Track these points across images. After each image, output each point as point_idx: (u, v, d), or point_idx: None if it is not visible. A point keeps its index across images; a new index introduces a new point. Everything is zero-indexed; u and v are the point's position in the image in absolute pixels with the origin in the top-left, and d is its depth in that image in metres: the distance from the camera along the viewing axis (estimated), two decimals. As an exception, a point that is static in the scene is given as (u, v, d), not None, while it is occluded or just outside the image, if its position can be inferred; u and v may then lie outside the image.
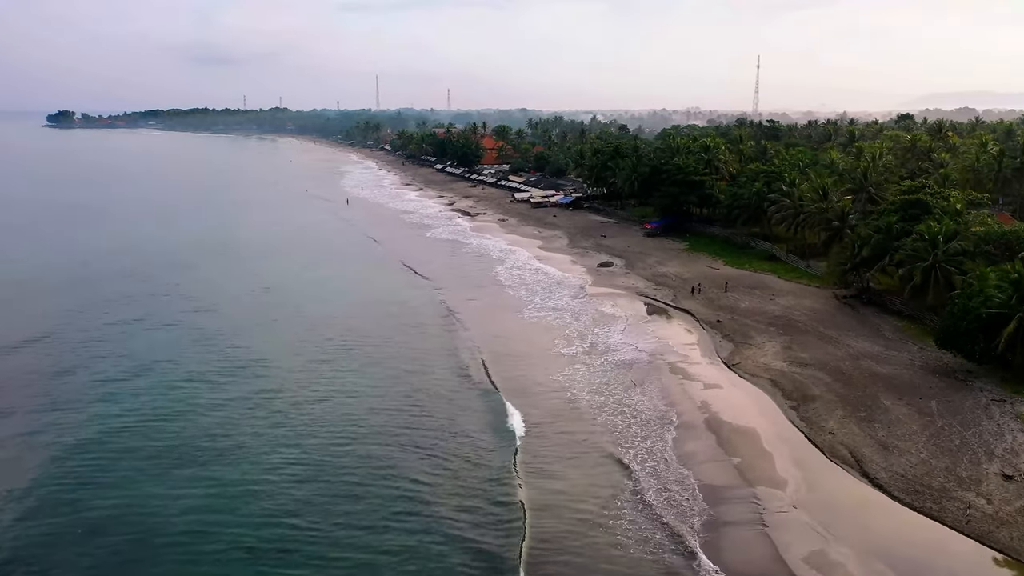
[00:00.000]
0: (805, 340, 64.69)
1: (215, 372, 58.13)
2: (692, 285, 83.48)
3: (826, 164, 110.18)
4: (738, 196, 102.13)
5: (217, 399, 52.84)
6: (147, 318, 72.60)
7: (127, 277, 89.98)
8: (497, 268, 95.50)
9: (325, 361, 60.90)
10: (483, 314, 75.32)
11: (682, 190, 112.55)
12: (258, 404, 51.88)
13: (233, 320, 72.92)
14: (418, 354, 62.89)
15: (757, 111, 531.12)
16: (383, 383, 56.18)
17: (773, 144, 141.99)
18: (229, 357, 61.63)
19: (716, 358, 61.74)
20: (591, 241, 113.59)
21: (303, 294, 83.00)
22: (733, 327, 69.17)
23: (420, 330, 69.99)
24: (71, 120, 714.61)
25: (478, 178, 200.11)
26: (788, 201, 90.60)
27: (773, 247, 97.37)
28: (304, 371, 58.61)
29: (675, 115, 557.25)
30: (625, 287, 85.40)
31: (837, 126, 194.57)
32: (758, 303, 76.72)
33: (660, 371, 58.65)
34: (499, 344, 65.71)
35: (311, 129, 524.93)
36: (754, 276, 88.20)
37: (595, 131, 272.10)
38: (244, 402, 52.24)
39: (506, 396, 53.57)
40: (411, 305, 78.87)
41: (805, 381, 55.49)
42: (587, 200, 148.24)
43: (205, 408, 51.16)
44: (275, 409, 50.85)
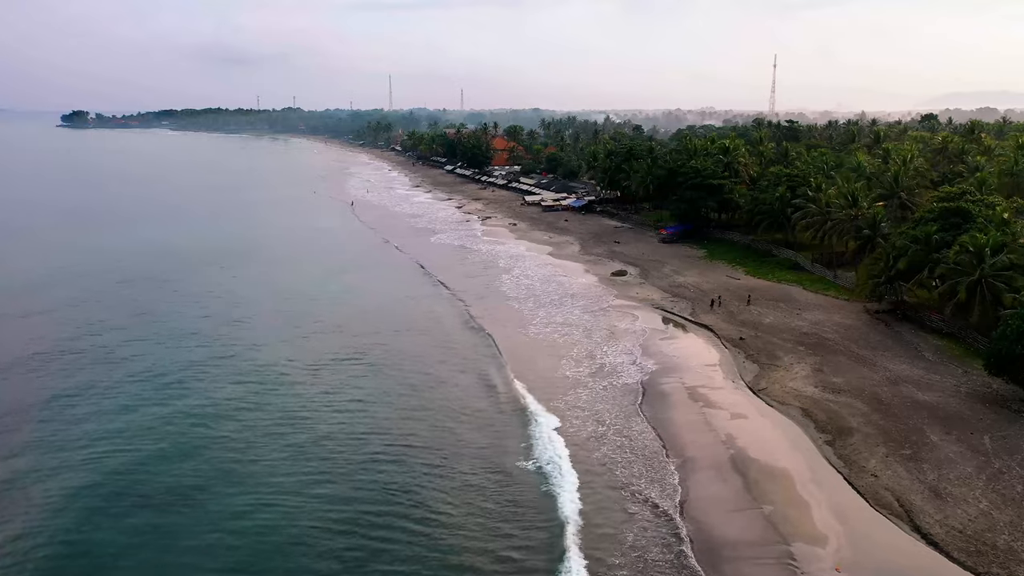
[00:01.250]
0: (837, 361, 59.33)
1: (245, 398, 52.89)
2: (711, 297, 78.23)
3: (853, 167, 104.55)
4: (760, 201, 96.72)
5: (242, 428, 48.02)
6: (169, 334, 67.85)
7: (144, 282, 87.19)
8: (503, 277, 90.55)
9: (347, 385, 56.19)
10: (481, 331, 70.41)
11: (700, 194, 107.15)
12: (289, 431, 47.59)
13: (259, 333, 68.17)
14: (413, 377, 58.08)
15: (774, 111, 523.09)
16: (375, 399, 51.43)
17: (794, 145, 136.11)
18: (260, 378, 56.64)
19: (740, 382, 56.51)
20: (604, 248, 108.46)
21: (320, 303, 78.68)
22: (758, 346, 63.90)
23: (417, 351, 65.14)
24: (85, 120, 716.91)
25: (488, 180, 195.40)
26: (814, 207, 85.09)
27: (797, 255, 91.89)
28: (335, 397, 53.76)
29: (689, 115, 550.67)
30: (640, 299, 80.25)
31: (859, 126, 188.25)
32: (783, 318, 71.37)
33: (679, 397, 53.54)
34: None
35: (322, 129, 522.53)
36: (778, 287, 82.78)
37: (608, 131, 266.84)
38: (274, 434, 47.36)
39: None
40: (403, 317, 74.06)
41: (840, 410, 50.18)
42: (600, 203, 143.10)
43: (227, 439, 46.47)
44: (309, 437, 46.59)
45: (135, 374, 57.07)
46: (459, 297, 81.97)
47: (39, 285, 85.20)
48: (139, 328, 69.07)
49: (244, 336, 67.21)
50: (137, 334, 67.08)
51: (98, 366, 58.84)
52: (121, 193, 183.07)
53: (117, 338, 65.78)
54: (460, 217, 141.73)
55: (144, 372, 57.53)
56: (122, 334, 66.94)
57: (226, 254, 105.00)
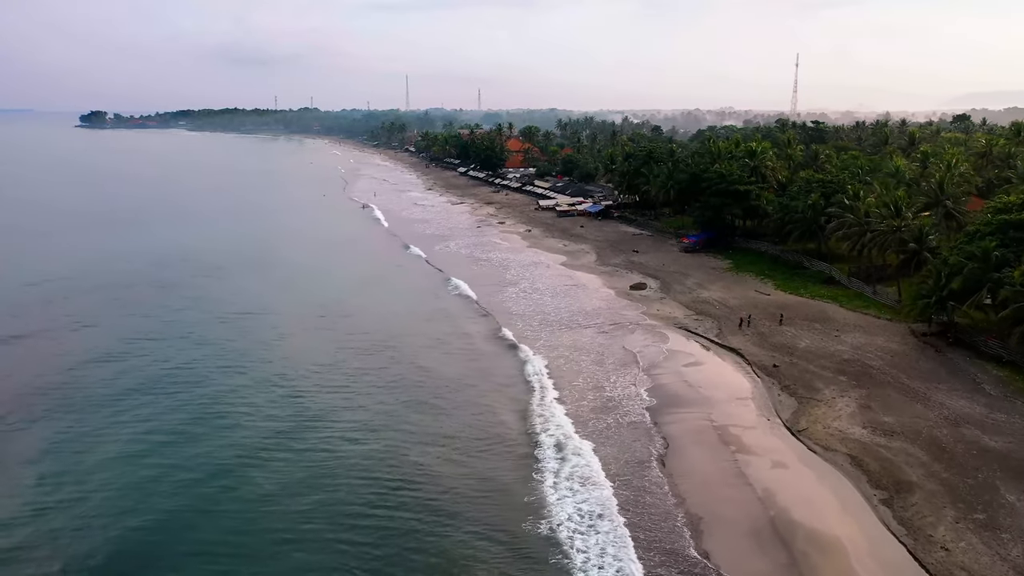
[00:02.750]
0: (885, 395, 52.44)
1: (286, 431, 48.38)
2: (740, 316, 71.40)
3: (890, 172, 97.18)
4: (790, 209, 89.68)
5: (280, 461, 44.26)
6: (201, 353, 63.18)
7: (166, 293, 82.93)
8: (508, 291, 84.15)
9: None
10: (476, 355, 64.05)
11: (725, 201, 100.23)
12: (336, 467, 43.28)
13: (295, 354, 62.81)
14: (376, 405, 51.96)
15: (796, 111, 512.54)
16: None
17: (822, 148, 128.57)
18: (306, 414, 51.19)
19: (776, 419, 49.80)
20: (622, 257, 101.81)
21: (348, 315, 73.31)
22: (794, 375, 57.11)
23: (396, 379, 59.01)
24: (103, 120, 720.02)
25: (502, 183, 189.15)
26: (852, 217, 77.97)
27: (831, 268, 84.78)
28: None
29: (708, 115, 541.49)
30: (660, 316, 73.57)
31: (890, 128, 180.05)
32: (821, 341, 64.45)
33: (708, 438, 46.95)
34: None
35: (337, 130, 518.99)
36: (812, 305, 75.77)
37: (627, 132, 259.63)
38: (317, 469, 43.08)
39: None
40: (386, 337, 67.92)
41: (895, 459, 43.38)
42: (617, 208, 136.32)
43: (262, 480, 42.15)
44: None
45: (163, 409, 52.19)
46: (456, 313, 75.81)
47: (40, 298, 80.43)
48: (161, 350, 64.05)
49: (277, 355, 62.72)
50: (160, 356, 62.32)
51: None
52: (126, 195, 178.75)
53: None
54: (470, 222, 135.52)
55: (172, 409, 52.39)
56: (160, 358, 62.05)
57: (232, 261, 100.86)
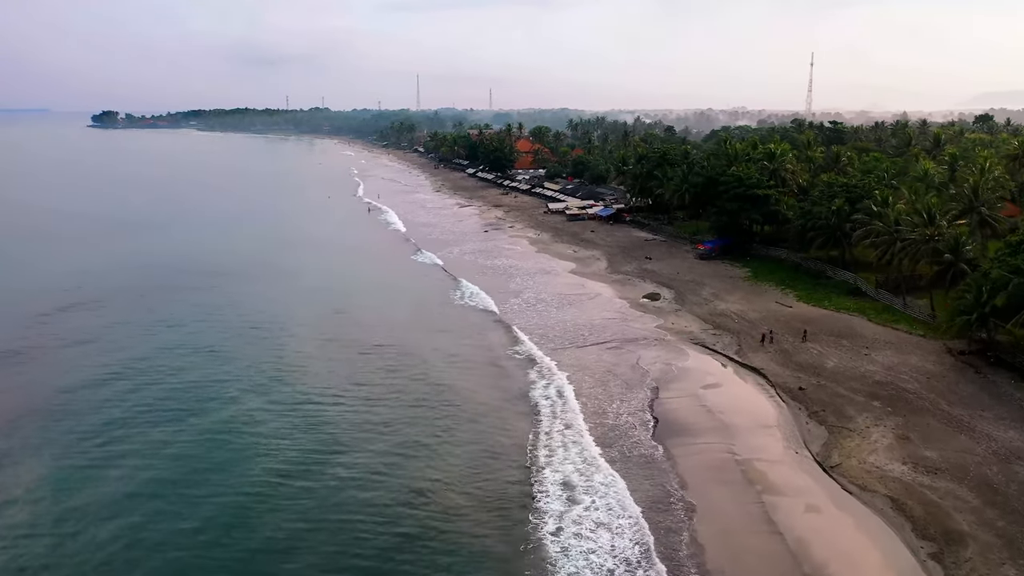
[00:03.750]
0: (925, 425, 47.73)
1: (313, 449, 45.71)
2: (761, 331, 66.74)
3: (918, 176, 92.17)
4: (813, 215, 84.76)
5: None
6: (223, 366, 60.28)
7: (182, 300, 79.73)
8: (511, 301, 79.86)
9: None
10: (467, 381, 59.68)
11: (743, 205, 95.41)
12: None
13: (308, 375, 58.75)
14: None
15: (811, 111, 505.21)
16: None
17: (842, 149, 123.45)
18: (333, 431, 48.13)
19: (805, 452, 45.18)
20: (634, 264, 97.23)
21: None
22: (822, 399, 52.47)
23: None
24: (115, 120, 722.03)
25: (511, 184, 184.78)
26: (880, 225, 73.08)
27: (857, 278, 79.87)
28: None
29: (721, 115, 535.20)
30: (675, 330, 68.99)
31: (910, 128, 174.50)
32: (849, 360, 59.70)
33: (730, 475, 42.41)
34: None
35: (347, 130, 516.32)
36: (837, 318, 70.94)
37: (639, 132, 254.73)
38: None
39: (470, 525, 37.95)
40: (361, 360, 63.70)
41: (942, 503, 38.74)
42: (629, 212, 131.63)
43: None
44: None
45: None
46: (456, 327, 71.57)
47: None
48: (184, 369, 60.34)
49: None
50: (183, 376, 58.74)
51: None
52: (130, 199, 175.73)
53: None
54: (478, 226, 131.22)
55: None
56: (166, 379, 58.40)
57: (237, 267, 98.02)
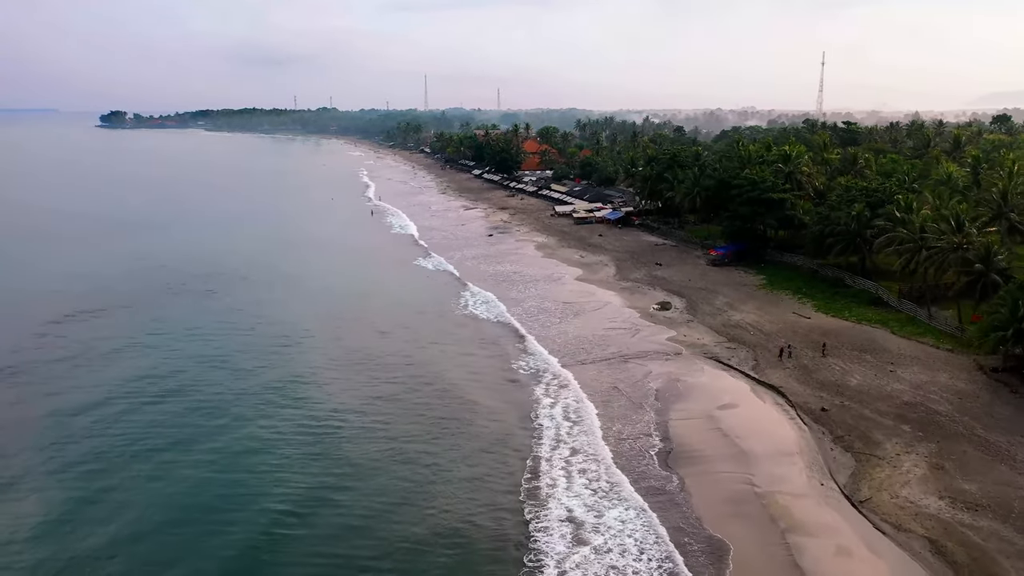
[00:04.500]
0: (960, 452, 44.06)
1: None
2: (779, 344, 63.11)
3: (941, 180, 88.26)
4: (831, 220, 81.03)
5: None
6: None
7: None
8: (515, 311, 76.40)
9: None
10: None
11: (757, 210, 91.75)
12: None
13: (317, 390, 56.01)
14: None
15: (821, 111, 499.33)
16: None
17: (859, 151, 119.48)
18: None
19: (831, 484, 41.58)
20: (643, 271, 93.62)
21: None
22: (847, 421, 48.84)
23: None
24: (123, 120, 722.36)
25: (517, 186, 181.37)
26: (905, 232, 69.28)
27: (878, 287, 76.06)
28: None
29: (730, 115, 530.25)
30: (688, 343, 65.40)
31: (926, 128, 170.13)
32: (874, 377, 56.02)
33: (750, 511, 38.85)
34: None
35: (354, 130, 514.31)
36: (859, 330, 67.18)
37: (647, 133, 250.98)
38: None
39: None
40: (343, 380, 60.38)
41: (986, 546, 35.12)
42: (639, 216, 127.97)
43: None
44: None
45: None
46: (456, 339, 68.27)
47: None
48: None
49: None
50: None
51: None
52: (133, 200, 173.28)
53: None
54: (482, 229, 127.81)
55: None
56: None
57: (240, 271, 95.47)
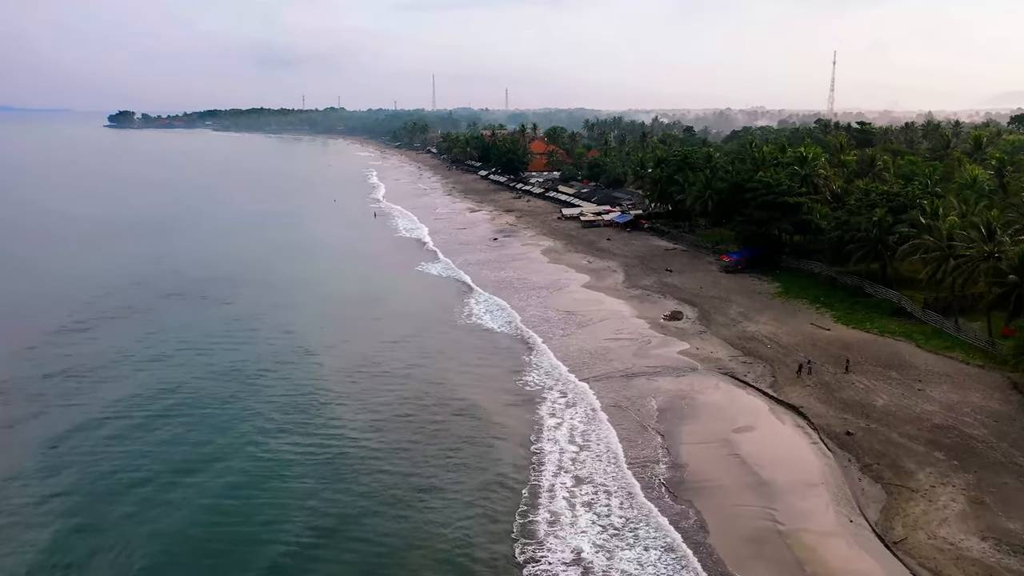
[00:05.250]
0: (1000, 484, 40.40)
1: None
2: (797, 359, 59.50)
3: (966, 183, 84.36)
4: (850, 226, 77.22)
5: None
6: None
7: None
8: (518, 321, 73.04)
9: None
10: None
11: (772, 214, 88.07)
12: None
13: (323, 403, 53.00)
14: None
15: (832, 111, 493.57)
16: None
17: (877, 152, 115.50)
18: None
19: (861, 520, 38.00)
20: (653, 278, 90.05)
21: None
22: (875, 448, 45.22)
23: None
24: (131, 120, 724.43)
25: (524, 188, 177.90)
26: (931, 239, 65.54)
27: (900, 297, 72.24)
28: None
29: (740, 115, 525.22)
30: (701, 357, 61.85)
31: (944, 129, 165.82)
32: (901, 397, 52.35)
33: (774, 553, 35.35)
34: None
35: (361, 130, 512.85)
36: (882, 344, 63.47)
37: (657, 133, 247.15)
38: None
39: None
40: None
41: (1039, 597, 31.53)
42: (648, 219, 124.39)
43: None
44: None
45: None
46: (444, 351, 64.98)
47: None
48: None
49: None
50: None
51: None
52: (135, 202, 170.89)
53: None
54: (487, 232, 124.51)
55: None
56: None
57: (241, 275, 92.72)
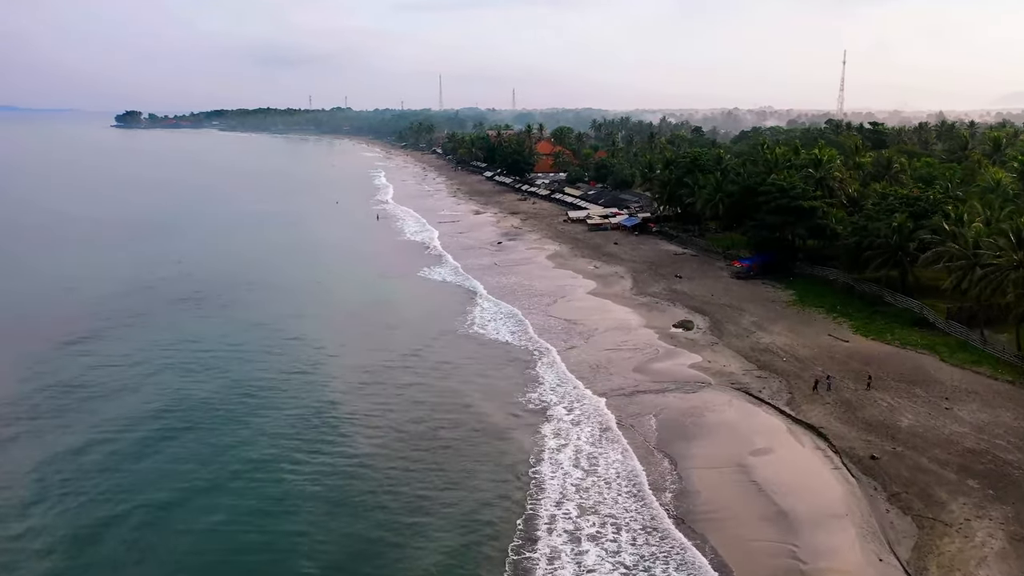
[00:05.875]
0: (1043, 518, 37.15)
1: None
2: (815, 374, 56.28)
3: (989, 187, 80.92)
4: (868, 232, 73.95)
5: None
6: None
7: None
8: (523, 329, 69.98)
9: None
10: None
11: (786, 219, 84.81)
12: None
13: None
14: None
15: (842, 111, 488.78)
16: None
17: (894, 154, 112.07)
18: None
19: (891, 559, 34.78)
20: (662, 284, 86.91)
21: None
22: (902, 474, 41.98)
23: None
24: (137, 120, 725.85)
25: (529, 189, 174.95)
26: (956, 248, 62.22)
27: (922, 307, 68.88)
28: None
29: (748, 115, 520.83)
30: (713, 370, 58.71)
31: (960, 129, 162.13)
32: (928, 416, 49.07)
33: (794, 597, 32.24)
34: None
35: (367, 130, 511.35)
36: (904, 357, 60.18)
37: (665, 134, 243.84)
38: None
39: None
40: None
41: (1095, 654, 28.27)
42: (656, 222, 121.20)
43: None
44: None
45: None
46: (444, 363, 61.97)
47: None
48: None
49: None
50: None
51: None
52: (136, 204, 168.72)
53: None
54: (491, 236, 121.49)
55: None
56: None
57: (241, 279, 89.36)
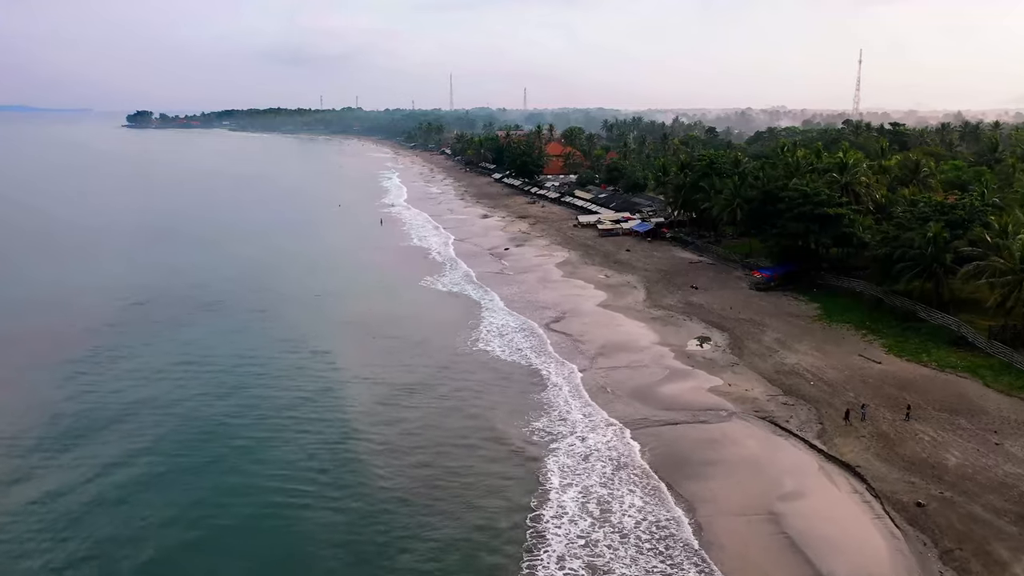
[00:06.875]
0: (1123, 584, 32.14)
1: None
2: (847, 400, 51.31)
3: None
4: (900, 242, 68.76)
5: None
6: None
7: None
8: (528, 346, 65.27)
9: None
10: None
11: (809, 226, 79.67)
12: None
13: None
14: None
15: (857, 111, 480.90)
16: None
17: (922, 157, 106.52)
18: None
19: (949, 636, 29.93)
20: (677, 296, 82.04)
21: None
22: (954, 525, 37.00)
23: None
24: (148, 120, 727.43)
25: (539, 192, 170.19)
26: (1001, 261, 57.06)
27: (960, 324, 63.67)
28: None
29: (760, 115, 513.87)
30: (734, 396, 53.83)
31: (989, 132, 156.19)
32: (977, 454, 44.02)
33: None
34: None
35: (377, 130, 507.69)
36: (943, 381, 55.11)
37: (678, 134, 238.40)
38: None
39: None
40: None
41: None
42: (670, 228, 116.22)
43: None
44: None
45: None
46: (439, 383, 57.29)
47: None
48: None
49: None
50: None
51: None
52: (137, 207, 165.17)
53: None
54: (498, 241, 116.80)
55: None
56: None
57: (239, 287, 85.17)
